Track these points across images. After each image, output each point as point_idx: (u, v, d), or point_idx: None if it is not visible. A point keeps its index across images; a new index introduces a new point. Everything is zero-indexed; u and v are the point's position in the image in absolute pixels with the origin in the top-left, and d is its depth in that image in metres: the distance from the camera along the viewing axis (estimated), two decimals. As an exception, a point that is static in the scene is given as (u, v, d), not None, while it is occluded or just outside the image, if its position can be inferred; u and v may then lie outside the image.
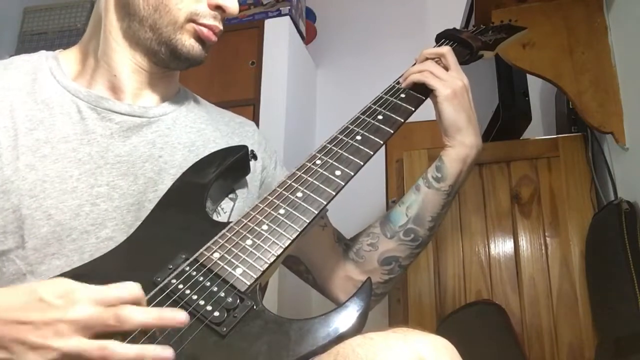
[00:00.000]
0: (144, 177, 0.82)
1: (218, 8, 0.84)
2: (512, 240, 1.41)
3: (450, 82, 0.88)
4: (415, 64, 0.95)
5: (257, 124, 2.01)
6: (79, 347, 0.52)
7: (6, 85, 0.82)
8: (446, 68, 0.91)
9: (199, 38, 0.84)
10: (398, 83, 0.92)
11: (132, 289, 0.56)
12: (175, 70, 0.91)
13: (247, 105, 2.09)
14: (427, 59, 0.93)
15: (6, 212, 0.74)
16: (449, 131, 0.89)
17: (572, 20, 1.40)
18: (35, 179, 0.76)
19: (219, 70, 2.18)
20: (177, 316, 0.55)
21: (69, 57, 0.88)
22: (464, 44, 0.99)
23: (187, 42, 0.83)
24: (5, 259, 0.74)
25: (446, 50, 0.92)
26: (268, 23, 2.21)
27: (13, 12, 2.63)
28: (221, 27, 0.86)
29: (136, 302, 0.55)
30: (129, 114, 0.84)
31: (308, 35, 2.43)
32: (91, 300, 0.53)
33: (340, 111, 2.36)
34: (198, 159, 0.86)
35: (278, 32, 2.20)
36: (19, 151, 0.77)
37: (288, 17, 2.22)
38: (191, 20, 0.82)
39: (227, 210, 0.88)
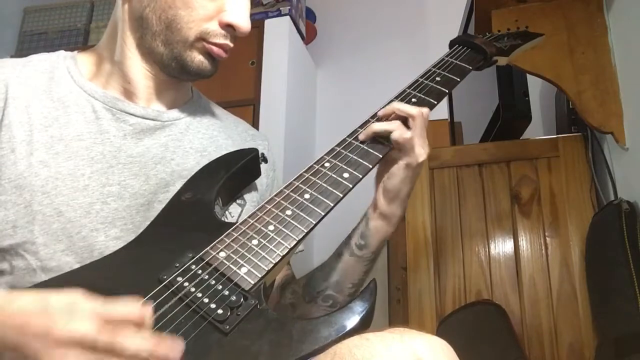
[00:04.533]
0: (155, 178, 0.83)
1: (229, 26, 0.84)
2: (512, 240, 1.41)
3: (424, 150, 0.81)
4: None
5: (257, 124, 2.02)
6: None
7: (24, 83, 0.83)
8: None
9: (208, 55, 0.84)
10: (409, 87, 0.89)
11: (135, 309, 0.53)
12: (185, 81, 0.92)
13: (247, 105, 2.09)
14: (394, 114, 0.82)
15: (18, 207, 0.75)
16: (388, 196, 0.82)
17: (572, 20, 1.40)
18: (47, 175, 0.77)
19: (219, 70, 2.16)
20: (173, 349, 0.52)
21: (86, 59, 0.90)
22: (477, 49, 0.99)
23: (197, 59, 0.84)
24: (14, 253, 0.75)
25: (416, 112, 0.81)
26: (268, 23, 2.21)
27: (13, 12, 2.63)
28: (232, 45, 0.86)
29: (138, 323, 0.53)
30: (143, 116, 0.85)
31: (308, 35, 2.43)
32: (94, 319, 0.51)
33: (340, 111, 2.38)
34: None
35: (278, 32, 2.19)
36: (33, 147, 0.78)
37: (288, 17, 2.22)
38: (202, 38, 0.83)
39: (235, 215, 0.88)
